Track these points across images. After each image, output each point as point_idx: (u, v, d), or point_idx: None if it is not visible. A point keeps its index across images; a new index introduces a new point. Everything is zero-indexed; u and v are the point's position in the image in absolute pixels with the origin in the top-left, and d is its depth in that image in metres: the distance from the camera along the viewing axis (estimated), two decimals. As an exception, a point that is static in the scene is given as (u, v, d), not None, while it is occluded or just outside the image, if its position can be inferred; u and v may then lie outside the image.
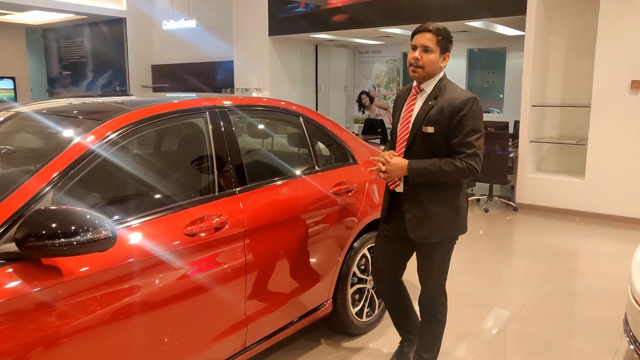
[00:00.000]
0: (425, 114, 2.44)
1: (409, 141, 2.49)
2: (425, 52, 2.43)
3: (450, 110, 2.39)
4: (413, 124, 2.48)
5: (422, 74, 2.45)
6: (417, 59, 2.43)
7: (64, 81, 13.29)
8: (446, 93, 2.45)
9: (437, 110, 2.42)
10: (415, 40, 2.47)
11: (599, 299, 4.00)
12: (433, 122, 2.41)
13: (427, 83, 2.49)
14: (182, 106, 2.54)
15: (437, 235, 2.53)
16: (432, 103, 2.45)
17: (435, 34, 2.44)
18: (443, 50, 2.48)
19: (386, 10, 8.04)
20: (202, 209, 2.33)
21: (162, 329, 2.13)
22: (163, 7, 11.57)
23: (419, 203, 2.50)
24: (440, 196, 2.51)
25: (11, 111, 2.69)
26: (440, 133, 2.42)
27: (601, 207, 6.30)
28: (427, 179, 2.43)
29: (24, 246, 1.67)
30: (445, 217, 2.52)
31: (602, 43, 6.14)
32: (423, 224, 2.51)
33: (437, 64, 2.46)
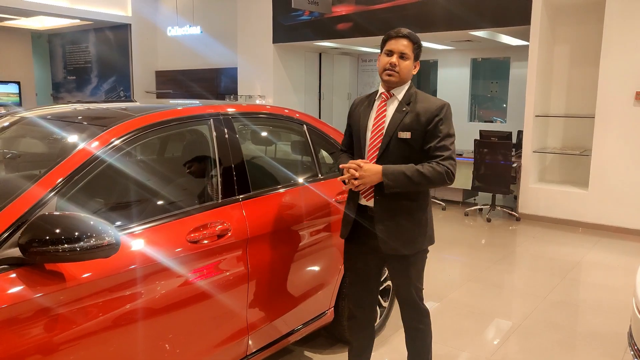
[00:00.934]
0: (400, 120, 2.37)
1: (381, 148, 2.39)
2: (402, 58, 2.38)
3: (428, 117, 2.35)
4: (387, 130, 2.39)
5: (397, 79, 2.39)
6: (394, 65, 2.37)
7: (68, 86, 13.34)
8: (420, 100, 2.41)
9: (413, 116, 2.36)
10: (391, 45, 2.40)
11: (603, 311, 3.98)
12: (409, 128, 2.35)
13: (398, 89, 2.43)
14: (187, 113, 2.55)
15: (411, 247, 2.45)
16: (406, 109, 2.39)
17: (411, 41, 2.40)
18: (416, 57, 2.44)
19: (390, 19, 8.07)
20: (205, 216, 2.33)
21: (164, 335, 2.13)
22: (168, 14, 11.63)
23: (391, 214, 2.40)
24: (412, 206, 2.44)
25: (16, 116, 2.70)
26: (417, 139, 2.36)
27: (605, 218, 6.28)
28: (404, 185, 2.32)
29: (27, 251, 1.67)
30: (418, 227, 2.46)
31: (607, 53, 6.14)
32: (397, 236, 2.42)
33: (410, 71, 2.42)
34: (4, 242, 1.73)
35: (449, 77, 10.49)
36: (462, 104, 10.35)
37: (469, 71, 10.25)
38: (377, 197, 2.41)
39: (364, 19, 8.34)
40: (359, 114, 2.53)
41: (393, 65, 2.37)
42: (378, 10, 8.20)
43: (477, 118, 10.68)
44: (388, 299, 3.45)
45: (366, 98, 2.57)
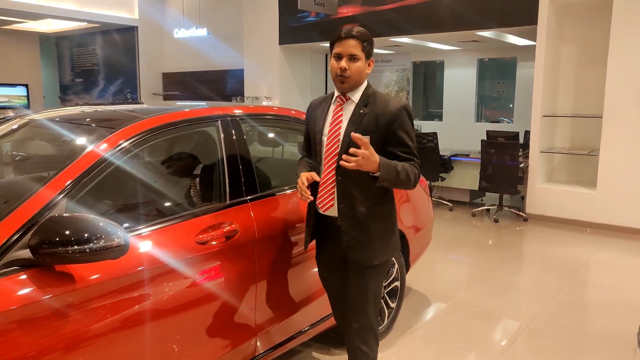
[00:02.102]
0: (358, 123, 2.25)
1: (340, 154, 2.22)
2: (352, 60, 2.23)
3: (387, 119, 2.23)
4: (344, 135, 2.26)
5: (350, 84, 2.26)
6: (344, 69, 2.22)
7: (76, 88, 13.42)
8: (378, 101, 2.28)
9: (372, 119, 2.24)
10: (338, 48, 2.25)
11: (611, 312, 3.96)
12: (368, 131, 2.20)
13: (354, 92, 2.30)
14: (194, 115, 2.56)
15: (379, 257, 2.34)
16: (363, 111, 2.26)
17: (360, 40, 2.23)
18: (368, 55, 2.28)
19: (396, 20, 8.06)
20: (213, 217, 2.33)
21: (172, 337, 2.14)
22: (174, 16, 11.67)
23: (357, 222, 2.28)
24: (379, 213, 2.32)
25: (25, 119, 2.72)
26: (376, 143, 2.19)
27: (613, 218, 6.25)
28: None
29: (37, 253, 1.69)
30: (386, 235, 2.35)
31: (615, 53, 6.11)
32: (364, 245, 2.30)
33: (364, 72, 2.28)
34: (14, 244, 1.74)
35: (455, 78, 10.46)
36: (468, 105, 10.32)
37: (475, 71, 10.22)
38: (340, 205, 2.29)
39: (370, 19, 8.34)
40: (315, 118, 2.40)
41: (343, 70, 2.23)
42: (384, 11, 8.19)
43: (484, 118, 10.65)
44: (396, 300, 3.45)
45: (322, 101, 2.44)
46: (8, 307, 1.64)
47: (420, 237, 3.73)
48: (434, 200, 7.41)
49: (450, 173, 7.59)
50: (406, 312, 3.76)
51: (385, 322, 3.38)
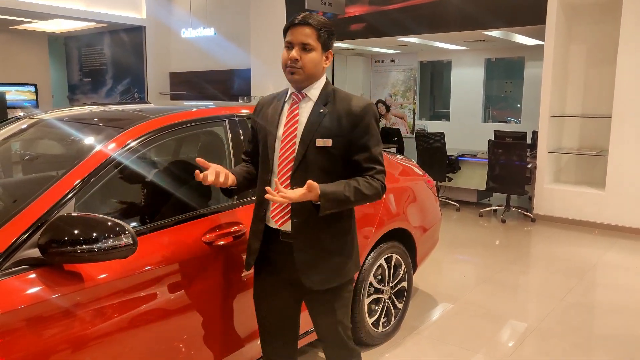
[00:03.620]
0: (318, 125, 1.97)
1: (297, 160, 1.96)
2: (305, 50, 1.97)
3: (352, 120, 1.97)
4: (302, 138, 1.97)
5: (302, 77, 1.98)
6: (294, 60, 1.96)
7: (84, 88, 13.49)
8: (339, 99, 2.02)
9: (334, 119, 1.97)
10: (290, 36, 1.98)
11: (620, 313, 3.93)
12: (329, 134, 1.95)
13: (310, 88, 2.03)
14: (202, 115, 2.56)
15: (340, 277, 2.07)
16: (323, 111, 1.99)
17: (315, 28, 1.96)
18: (325, 47, 2.01)
19: (404, 19, 8.04)
20: (221, 217, 2.34)
21: (179, 336, 2.14)
22: (182, 16, 11.71)
23: (313, 241, 2.00)
24: (337, 228, 2.05)
25: (34, 118, 2.74)
26: (339, 147, 1.97)
27: (621, 219, 6.20)
28: (341, 206, 1.94)
29: (46, 252, 1.70)
30: (345, 252, 2.08)
31: (624, 52, 6.07)
32: (322, 267, 2.02)
33: (319, 65, 2.00)
34: (23, 243, 1.75)
35: (462, 78, 10.43)
36: (476, 105, 10.29)
37: (482, 71, 10.19)
38: (294, 219, 1.98)
39: (377, 19, 8.33)
40: (266, 119, 2.09)
41: (294, 61, 1.96)
42: (391, 11, 8.18)
43: (491, 118, 10.61)
44: (402, 300, 3.44)
45: (273, 99, 2.15)
46: (17, 305, 1.65)
47: (427, 238, 3.72)
48: (441, 201, 7.39)
49: (457, 173, 7.57)
50: (413, 313, 3.75)
51: (392, 322, 3.37)
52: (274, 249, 2.07)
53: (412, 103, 11.20)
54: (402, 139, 9.87)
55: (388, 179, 3.30)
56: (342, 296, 2.12)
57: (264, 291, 2.16)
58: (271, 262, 2.10)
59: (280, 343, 2.21)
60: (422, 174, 3.88)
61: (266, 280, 2.14)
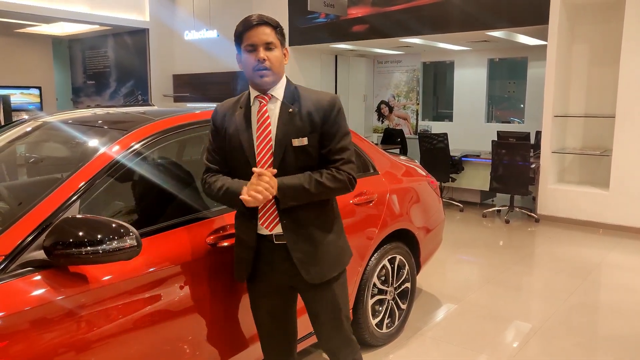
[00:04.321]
0: (291, 124, 1.97)
1: (276, 162, 1.96)
2: (269, 49, 1.95)
3: (322, 114, 1.97)
4: (277, 139, 1.96)
5: (272, 78, 1.97)
6: (263, 60, 1.93)
7: (87, 90, 13.54)
8: (304, 95, 2.02)
9: (304, 116, 1.97)
10: (250, 38, 1.95)
11: (624, 314, 3.92)
12: (304, 133, 1.96)
13: (275, 88, 2.01)
14: (206, 116, 2.57)
15: (336, 267, 2.10)
16: (292, 110, 1.98)
17: (273, 27, 1.98)
18: (282, 44, 2.01)
19: (406, 20, 8.05)
20: (224, 218, 2.35)
21: (184, 337, 2.15)
22: (185, 18, 11.74)
23: (305, 236, 2.02)
24: (324, 219, 2.08)
25: (39, 121, 2.76)
26: (314, 144, 1.98)
27: (626, 219, 6.19)
28: (302, 199, 1.96)
29: (51, 254, 1.71)
30: (337, 242, 2.12)
31: (627, 52, 6.06)
32: (319, 259, 2.04)
33: (282, 62, 2.00)
34: (29, 245, 1.76)
35: (465, 78, 10.43)
36: (479, 105, 10.29)
37: (485, 72, 10.18)
38: (284, 221, 2.00)
39: (380, 20, 8.34)
40: (234, 127, 2.03)
41: (262, 61, 1.93)
42: (394, 12, 8.18)
43: (495, 119, 10.60)
44: (406, 301, 3.44)
45: (234, 105, 2.09)
46: (23, 307, 1.67)
47: (430, 238, 3.73)
48: (445, 201, 7.39)
49: (460, 174, 7.56)
50: (417, 314, 3.75)
51: (395, 323, 3.38)
52: (265, 255, 2.08)
53: (415, 104, 11.20)
54: (405, 139, 9.87)
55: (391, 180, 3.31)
56: (341, 285, 2.15)
57: (259, 297, 2.18)
58: (262, 268, 2.10)
59: (279, 346, 2.24)
60: (426, 175, 3.89)
61: (260, 286, 2.15)
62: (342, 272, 2.16)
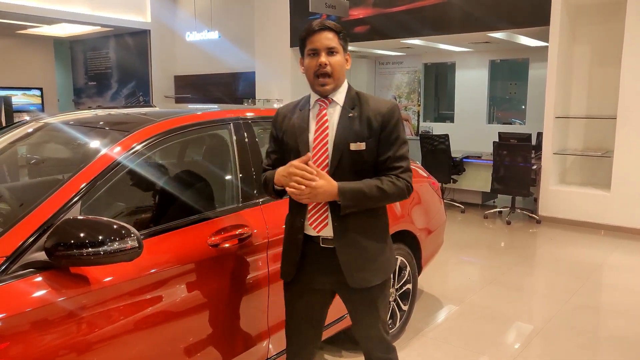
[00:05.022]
0: (350, 129, 1.98)
1: (332, 166, 1.98)
2: (331, 54, 1.97)
3: (381, 121, 1.99)
4: (335, 143, 1.98)
5: (333, 85, 2.00)
6: (324, 65, 1.96)
7: (89, 91, 13.56)
8: (365, 101, 2.04)
9: (364, 122, 1.99)
10: (313, 42, 1.97)
11: (626, 315, 3.91)
12: (362, 138, 1.98)
13: (336, 93, 2.03)
14: (207, 118, 2.58)
15: (380, 275, 2.10)
16: (352, 115, 2.00)
17: (335, 32, 1.98)
18: (345, 49, 2.03)
19: (408, 22, 8.05)
20: (226, 219, 2.35)
21: (185, 339, 2.15)
22: (186, 19, 11.75)
23: (353, 240, 2.02)
24: (374, 226, 2.09)
25: (40, 122, 2.76)
26: (371, 150, 1.99)
27: (627, 220, 6.18)
28: (362, 205, 1.97)
29: (53, 255, 1.71)
30: (383, 249, 2.12)
31: (628, 53, 6.05)
32: (365, 265, 2.04)
33: (344, 67, 2.02)
34: (30, 246, 1.76)
35: (467, 79, 10.43)
36: (480, 106, 10.28)
37: (487, 73, 10.19)
38: (335, 223, 2.00)
39: (381, 21, 8.34)
40: (292, 129, 2.08)
41: (324, 66, 1.96)
42: (395, 13, 8.19)
43: (496, 120, 10.60)
44: (408, 302, 3.44)
45: (294, 108, 2.13)
46: (24, 309, 1.66)
47: (432, 239, 3.72)
48: (446, 202, 7.38)
49: (462, 175, 7.56)
50: (418, 315, 3.75)
51: (397, 324, 3.37)
52: (311, 256, 2.08)
53: (417, 105, 11.20)
54: (406, 140, 9.85)
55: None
56: (384, 293, 2.17)
57: (296, 296, 2.18)
58: (306, 269, 2.11)
59: (305, 346, 2.25)
60: (427, 176, 3.89)
61: (298, 286, 2.15)
62: (386, 279, 2.15)
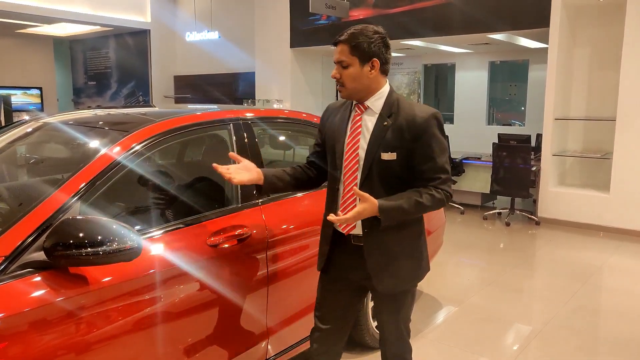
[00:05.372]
0: (382, 138, 1.98)
1: (363, 174, 2.00)
2: (343, 67, 2.02)
3: (414, 131, 1.96)
4: (367, 151, 2.00)
5: (346, 93, 2.05)
6: (334, 77, 2.06)
7: (89, 91, 13.56)
8: (402, 111, 2.00)
9: (397, 132, 1.97)
10: (333, 55, 2.08)
11: (625, 317, 3.91)
12: (393, 147, 1.97)
13: (372, 99, 2.04)
14: (207, 118, 2.58)
15: (408, 282, 2.13)
16: (387, 123, 1.99)
17: (346, 43, 2.00)
18: (364, 57, 1.99)
19: (408, 23, 8.06)
20: (225, 220, 2.34)
21: (184, 339, 2.15)
22: (186, 19, 11.75)
23: (384, 247, 2.04)
24: (406, 235, 2.08)
25: (40, 122, 2.75)
26: (402, 160, 1.98)
27: (626, 222, 6.18)
28: (400, 218, 1.98)
29: (52, 255, 1.70)
30: (415, 258, 2.12)
31: (628, 55, 6.06)
32: (392, 272, 2.06)
33: (362, 76, 2.00)
34: (29, 246, 1.76)
35: (466, 81, 10.43)
36: (480, 107, 10.28)
37: (486, 74, 10.19)
38: (365, 230, 2.03)
39: (381, 22, 8.31)
40: (334, 127, 2.14)
41: (336, 79, 2.06)
42: (395, 14, 8.19)
43: (496, 121, 10.60)
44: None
45: (341, 106, 2.18)
46: (23, 308, 1.66)
47: (431, 241, 3.71)
48: (445, 204, 7.38)
49: (461, 176, 7.56)
50: (418, 316, 3.75)
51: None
52: (343, 252, 2.13)
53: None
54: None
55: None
56: (409, 297, 2.18)
57: (326, 286, 2.22)
58: (339, 264, 2.15)
59: (332, 341, 2.25)
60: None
61: (329, 276, 2.20)
62: (415, 285, 2.19)
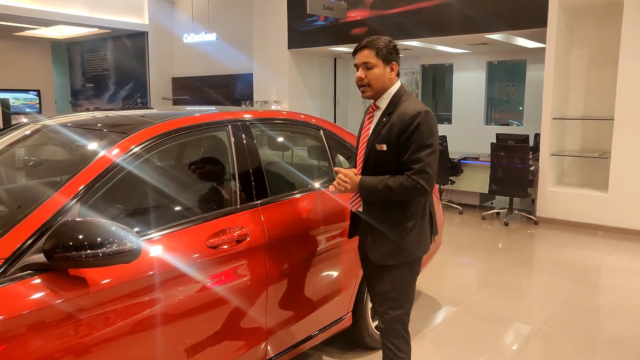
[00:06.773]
0: (379, 132, 2.35)
1: (364, 161, 2.41)
2: (368, 69, 2.35)
3: (401, 125, 2.27)
4: (368, 142, 2.40)
5: (371, 92, 2.38)
6: (360, 79, 2.37)
7: (86, 93, 13.55)
8: (399, 107, 2.33)
9: (389, 126, 2.31)
10: (356, 60, 2.40)
11: (624, 316, 3.92)
12: (385, 140, 2.31)
13: (382, 99, 2.40)
14: (205, 120, 2.58)
15: (395, 257, 2.37)
16: (385, 120, 2.35)
17: (371, 48, 2.35)
18: (386, 60, 2.35)
19: (405, 23, 8.07)
20: (224, 221, 2.35)
21: (183, 341, 2.15)
22: (184, 21, 11.76)
23: (374, 223, 2.39)
24: (391, 216, 2.36)
25: (38, 124, 2.75)
26: (392, 151, 2.30)
27: (625, 221, 6.19)
28: (376, 197, 2.34)
29: (51, 257, 1.70)
30: (401, 234, 2.35)
31: (625, 55, 6.07)
32: (380, 245, 2.38)
33: (384, 77, 2.36)
34: (28, 248, 1.76)
35: (464, 81, 10.44)
36: (478, 108, 10.29)
37: (484, 74, 10.20)
38: (364, 205, 2.43)
39: (379, 23, 8.35)
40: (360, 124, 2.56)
41: (360, 79, 2.37)
42: (393, 15, 8.20)
43: (494, 121, 10.61)
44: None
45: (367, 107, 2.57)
46: (22, 311, 1.66)
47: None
48: (444, 204, 7.39)
49: (459, 176, 7.57)
50: (416, 316, 3.75)
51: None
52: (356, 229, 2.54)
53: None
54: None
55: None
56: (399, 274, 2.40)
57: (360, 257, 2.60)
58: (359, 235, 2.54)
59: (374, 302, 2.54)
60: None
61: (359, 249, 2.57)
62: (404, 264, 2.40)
